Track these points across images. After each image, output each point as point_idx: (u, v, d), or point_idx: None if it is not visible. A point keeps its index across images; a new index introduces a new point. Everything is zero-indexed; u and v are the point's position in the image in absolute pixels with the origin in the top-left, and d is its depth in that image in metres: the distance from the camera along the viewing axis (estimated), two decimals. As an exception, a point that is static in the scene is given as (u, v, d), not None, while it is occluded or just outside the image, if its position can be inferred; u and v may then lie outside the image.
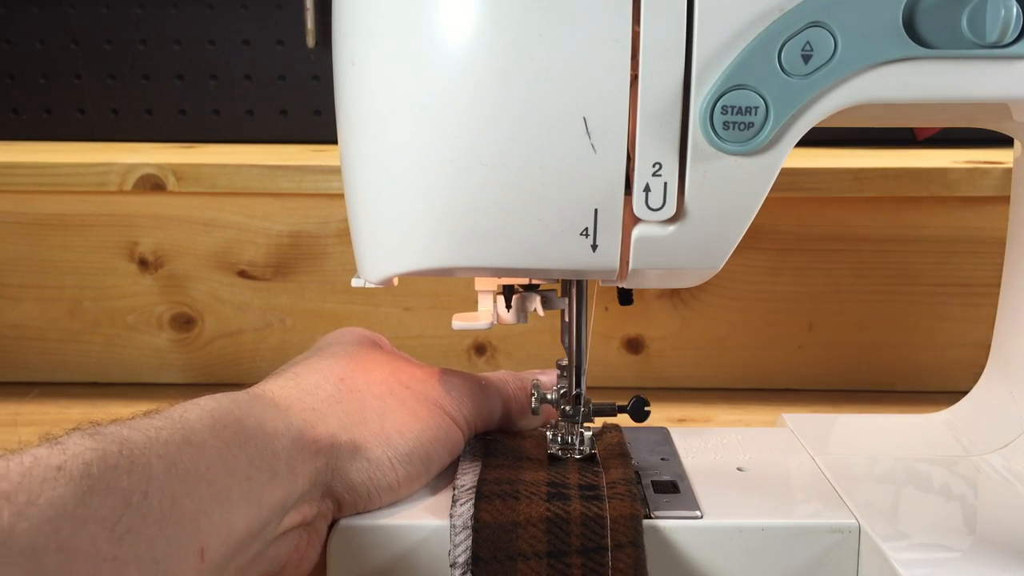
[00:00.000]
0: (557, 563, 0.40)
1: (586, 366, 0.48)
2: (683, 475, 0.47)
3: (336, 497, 0.42)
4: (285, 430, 0.40)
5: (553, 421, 0.49)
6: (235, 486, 0.35)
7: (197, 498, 0.33)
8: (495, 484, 0.44)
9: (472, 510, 0.42)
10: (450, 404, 0.48)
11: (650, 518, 0.43)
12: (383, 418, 0.45)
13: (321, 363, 0.47)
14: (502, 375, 0.52)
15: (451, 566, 0.41)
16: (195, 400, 0.38)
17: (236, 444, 0.36)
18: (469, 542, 0.41)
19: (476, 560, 0.40)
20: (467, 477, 0.45)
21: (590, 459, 0.48)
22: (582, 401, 0.48)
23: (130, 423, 0.34)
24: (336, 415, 0.43)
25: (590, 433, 0.48)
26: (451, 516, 0.42)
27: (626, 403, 0.49)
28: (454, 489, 0.44)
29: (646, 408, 0.48)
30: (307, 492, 0.40)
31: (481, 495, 0.43)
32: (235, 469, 0.36)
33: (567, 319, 0.48)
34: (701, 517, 0.43)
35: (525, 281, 0.48)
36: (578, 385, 0.48)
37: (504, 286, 0.48)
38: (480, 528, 0.41)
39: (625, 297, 0.48)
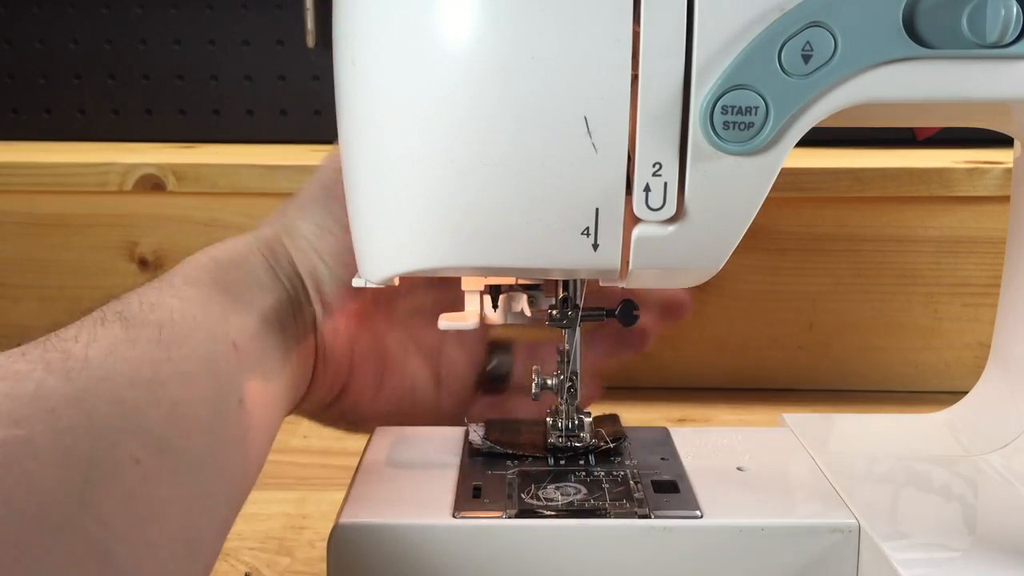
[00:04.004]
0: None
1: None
2: (683, 475, 0.47)
3: (319, 284, 0.49)
4: (257, 254, 0.49)
5: (553, 407, 0.49)
6: (234, 301, 0.44)
7: (209, 314, 0.42)
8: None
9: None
10: None
11: (650, 518, 0.43)
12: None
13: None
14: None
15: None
16: (183, 260, 0.47)
17: (222, 274, 0.46)
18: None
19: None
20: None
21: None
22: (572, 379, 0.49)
23: (144, 285, 0.44)
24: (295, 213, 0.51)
25: (590, 419, 0.49)
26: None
27: (615, 308, 0.49)
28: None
29: (635, 312, 0.48)
30: (293, 296, 0.48)
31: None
32: (229, 290, 0.45)
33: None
34: (701, 517, 0.43)
35: (513, 280, 0.48)
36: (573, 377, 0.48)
37: (490, 286, 0.48)
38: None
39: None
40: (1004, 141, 0.53)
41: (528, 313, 0.48)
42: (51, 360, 0.35)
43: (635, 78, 0.37)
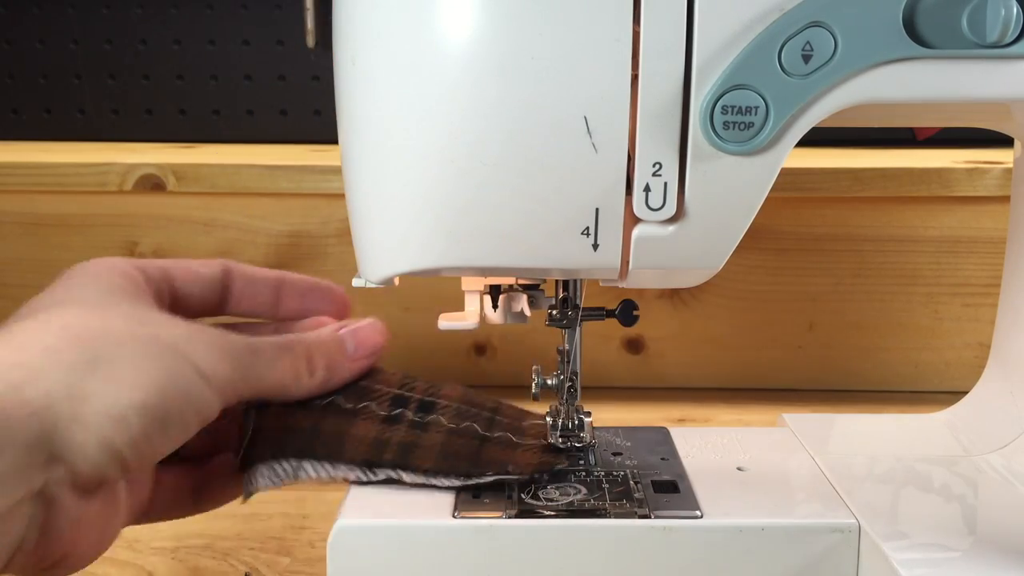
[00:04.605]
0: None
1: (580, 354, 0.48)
2: (683, 475, 0.47)
3: (69, 461, 0.38)
4: None
5: (554, 407, 0.49)
6: None
7: None
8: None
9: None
10: (203, 360, 0.42)
11: (650, 518, 0.43)
12: (115, 365, 0.40)
13: (46, 311, 0.42)
14: (288, 339, 0.45)
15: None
16: None
17: None
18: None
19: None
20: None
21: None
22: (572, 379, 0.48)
23: None
24: (54, 368, 0.38)
25: (590, 419, 0.49)
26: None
27: (615, 308, 0.48)
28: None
29: (635, 312, 0.48)
30: (22, 462, 0.37)
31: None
32: None
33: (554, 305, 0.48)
34: (701, 517, 0.43)
35: (513, 280, 0.48)
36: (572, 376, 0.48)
37: (491, 285, 0.48)
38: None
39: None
40: (1004, 141, 0.53)
41: (528, 313, 0.48)
42: None
43: (635, 78, 0.38)
